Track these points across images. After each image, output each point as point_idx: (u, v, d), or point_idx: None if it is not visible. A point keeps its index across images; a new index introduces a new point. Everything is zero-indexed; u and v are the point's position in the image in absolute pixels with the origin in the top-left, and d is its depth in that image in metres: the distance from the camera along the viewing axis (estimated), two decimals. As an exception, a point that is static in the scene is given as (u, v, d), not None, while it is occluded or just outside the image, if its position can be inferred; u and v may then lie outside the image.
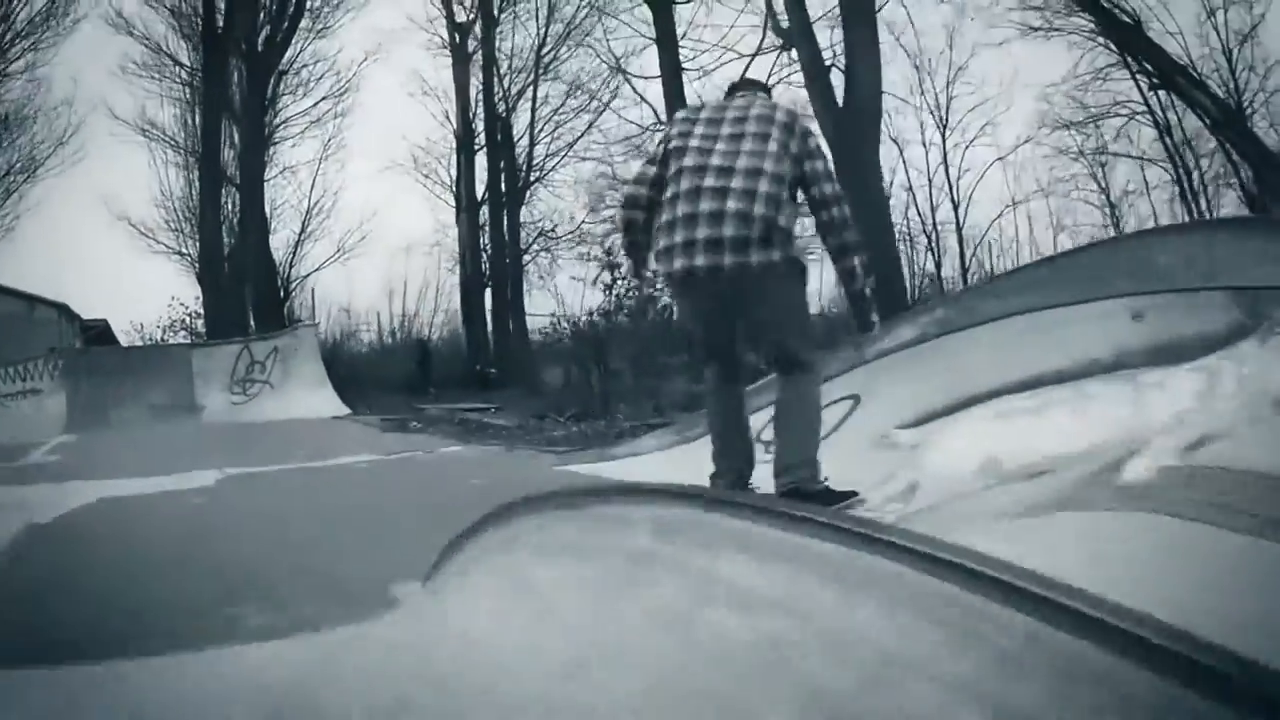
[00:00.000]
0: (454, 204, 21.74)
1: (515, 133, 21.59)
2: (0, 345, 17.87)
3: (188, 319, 20.39)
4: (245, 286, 19.62)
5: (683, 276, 3.01)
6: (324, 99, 21.50)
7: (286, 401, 12.45)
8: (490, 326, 20.82)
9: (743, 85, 3.52)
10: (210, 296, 19.75)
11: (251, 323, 18.66)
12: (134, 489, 5.34)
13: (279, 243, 21.34)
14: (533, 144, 21.49)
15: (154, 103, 21.48)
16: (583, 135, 21.06)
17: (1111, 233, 19.44)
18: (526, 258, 21.43)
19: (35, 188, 21.08)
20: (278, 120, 21.39)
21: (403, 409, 12.86)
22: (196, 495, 5.13)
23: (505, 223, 21.07)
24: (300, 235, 21.70)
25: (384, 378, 18.56)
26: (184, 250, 21.05)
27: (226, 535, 3.74)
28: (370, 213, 26.86)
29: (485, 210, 21.39)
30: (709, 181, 2.96)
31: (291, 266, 21.68)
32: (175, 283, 22.08)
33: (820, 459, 3.20)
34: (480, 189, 21.53)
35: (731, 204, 2.91)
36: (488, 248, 21.37)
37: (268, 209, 20.70)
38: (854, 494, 3.15)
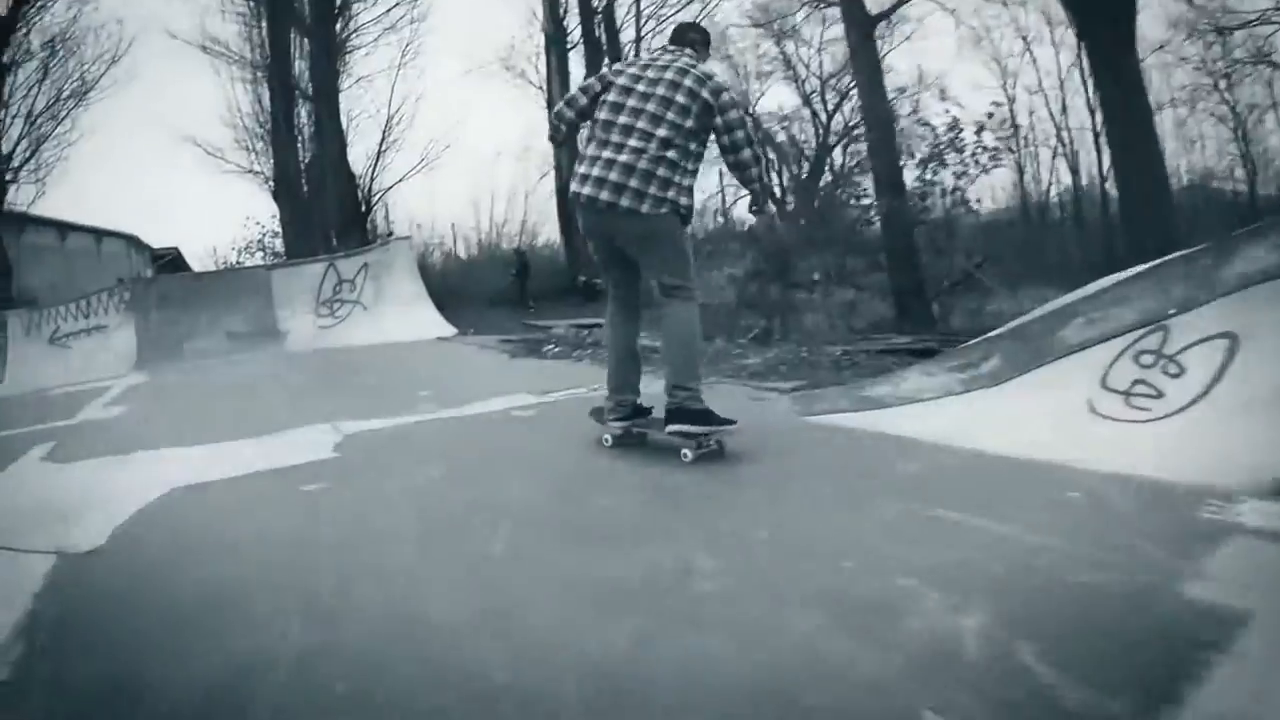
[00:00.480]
0: (546, 106, 19.63)
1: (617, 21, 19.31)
2: (70, 282, 16.78)
3: (264, 238, 19.17)
4: (325, 201, 17.99)
5: (575, 199, 3.52)
6: (398, 4, 20.10)
7: (382, 323, 10.81)
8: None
9: (680, 38, 3.70)
10: (288, 213, 18.33)
11: (333, 239, 17.07)
12: (220, 467, 3.65)
13: (356, 156, 19.93)
14: (639, 38, 19.16)
15: (213, 18, 19.99)
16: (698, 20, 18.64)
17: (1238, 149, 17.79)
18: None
19: (88, 112, 19.92)
20: (350, 28, 19.93)
21: (509, 326, 11.22)
22: (313, 477, 3.42)
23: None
24: (381, 146, 20.28)
25: (474, 292, 16.99)
26: (256, 168, 19.83)
27: (400, 587, 1.96)
28: (454, 120, 25.21)
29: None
30: (614, 137, 3.43)
31: (373, 179, 20.17)
32: (249, 203, 20.89)
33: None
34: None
35: (622, 156, 3.39)
36: (588, 150, 19.31)
37: (344, 121, 19.17)
38: (733, 422, 3.36)
